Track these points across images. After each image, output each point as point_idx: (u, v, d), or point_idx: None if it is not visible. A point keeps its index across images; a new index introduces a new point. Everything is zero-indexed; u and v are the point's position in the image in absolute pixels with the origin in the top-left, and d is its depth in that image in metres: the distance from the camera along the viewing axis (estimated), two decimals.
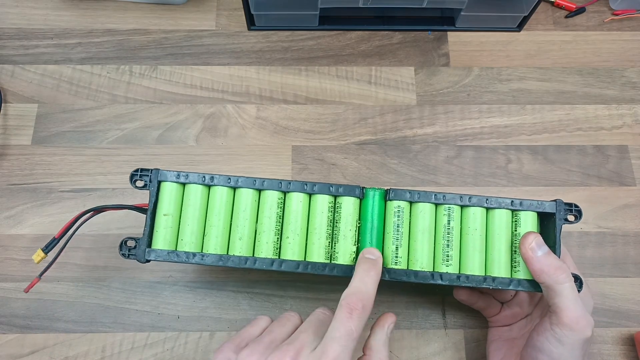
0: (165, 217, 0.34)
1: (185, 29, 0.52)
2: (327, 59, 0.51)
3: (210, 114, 0.49)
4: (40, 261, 0.36)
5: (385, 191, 0.35)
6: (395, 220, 0.34)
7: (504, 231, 0.35)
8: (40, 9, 0.52)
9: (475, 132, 0.49)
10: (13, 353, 0.41)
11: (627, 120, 0.50)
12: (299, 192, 0.34)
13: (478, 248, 0.35)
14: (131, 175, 0.34)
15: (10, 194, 0.46)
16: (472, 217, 0.35)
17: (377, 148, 0.48)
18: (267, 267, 0.34)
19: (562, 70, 0.52)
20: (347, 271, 0.34)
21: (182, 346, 0.42)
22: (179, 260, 0.34)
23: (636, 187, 0.47)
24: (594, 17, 0.54)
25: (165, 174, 0.34)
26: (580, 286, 0.34)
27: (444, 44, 0.52)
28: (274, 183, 0.34)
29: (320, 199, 0.35)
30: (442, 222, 0.35)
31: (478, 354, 0.42)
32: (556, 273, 0.32)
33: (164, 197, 0.35)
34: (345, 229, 0.34)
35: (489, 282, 0.34)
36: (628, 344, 0.43)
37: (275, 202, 0.35)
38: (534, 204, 0.34)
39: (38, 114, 0.48)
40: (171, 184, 0.35)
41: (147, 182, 0.34)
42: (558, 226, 0.34)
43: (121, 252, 0.34)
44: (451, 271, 0.34)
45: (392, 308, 0.43)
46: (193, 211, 0.34)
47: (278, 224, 0.35)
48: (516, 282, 0.34)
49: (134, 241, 0.34)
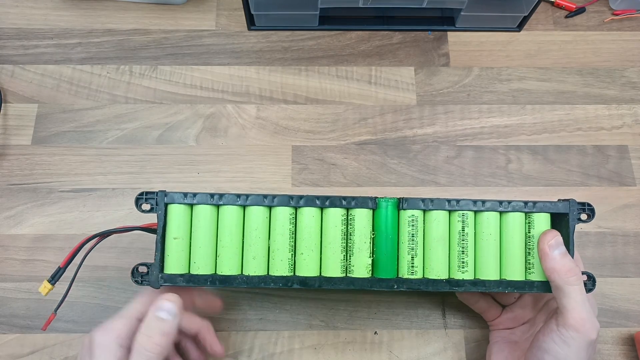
0: (175, 241, 0.33)
1: (185, 29, 0.52)
2: (327, 59, 0.51)
3: (210, 114, 0.49)
4: (47, 293, 0.34)
5: (398, 200, 0.34)
6: (409, 229, 0.34)
7: (518, 234, 0.34)
8: (40, 9, 0.52)
9: (475, 132, 0.49)
10: (13, 353, 0.41)
11: (627, 120, 0.50)
12: (310, 207, 0.34)
13: (493, 253, 0.34)
14: (136, 199, 0.33)
15: (10, 194, 0.46)
16: (486, 222, 0.34)
17: (377, 148, 0.48)
18: (284, 285, 0.33)
19: (562, 70, 0.52)
20: (364, 284, 0.33)
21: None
22: (196, 284, 0.33)
23: (636, 187, 0.48)
24: (594, 17, 0.54)
25: (172, 196, 0.33)
26: (593, 284, 0.34)
27: (444, 44, 0.52)
28: (284, 199, 0.33)
29: (333, 212, 0.34)
30: (456, 228, 0.34)
31: (478, 354, 0.42)
32: (567, 274, 0.32)
33: (172, 220, 0.34)
34: (360, 241, 0.34)
35: (504, 285, 0.34)
36: (628, 344, 0.43)
37: (287, 219, 0.34)
38: (547, 205, 0.34)
39: (38, 114, 0.48)
40: (179, 206, 0.33)
41: (154, 204, 0.33)
42: (571, 226, 0.34)
43: (134, 278, 0.33)
44: (467, 277, 0.34)
45: (392, 308, 0.43)
46: (204, 233, 0.34)
47: (291, 240, 0.34)
48: (530, 284, 0.34)
49: (146, 267, 0.33)
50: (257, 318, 0.43)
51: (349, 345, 0.42)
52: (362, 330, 0.43)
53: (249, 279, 0.33)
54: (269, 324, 0.43)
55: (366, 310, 0.43)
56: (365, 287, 0.33)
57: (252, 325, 0.43)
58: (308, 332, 0.43)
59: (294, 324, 0.43)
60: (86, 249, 0.34)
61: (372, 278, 0.34)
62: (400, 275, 0.34)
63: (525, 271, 0.35)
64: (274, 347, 0.42)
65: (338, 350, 0.42)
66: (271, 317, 0.43)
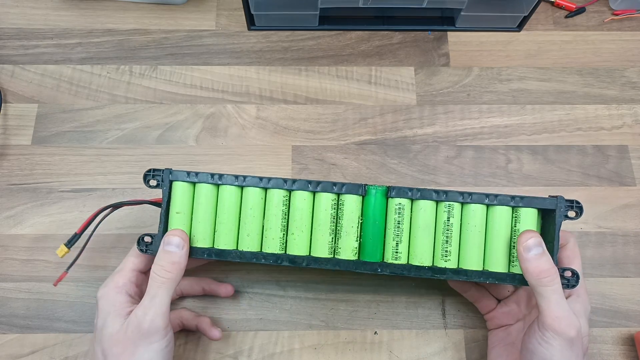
0: (177, 215, 0.36)
1: (185, 29, 0.52)
2: (327, 59, 0.51)
3: (210, 114, 0.49)
4: (64, 255, 0.37)
5: (387, 189, 0.35)
6: (396, 217, 0.35)
7: (504, 227, 0.35)
8: (40, 9, 0.52)
9: (475, 132, 0.49)
10: (13, 353, 0.41)
11: (627, 120, 0.50)
12: (303, 190, 0.35)
13: (477, 244, 0.35)
14: (144, 175, 0.36)
15: (10, 194, 0.46)
16: (472, 213, 0.35)
17: (377, 148, 0.48)
18: (274, 262, 0.35)
19: (562, 70, 0.52)
20: (350, 266, 0.35)
21: (182, 346, 0.42)
22: (195, 255, 0.36)
23: (636, 187, 0.47)
24: (594, 17, 0.54)
25: (176, 174, 0.36)
26: (576, 281, 0.34)
27: (444, 44, 0.52)
28: (279, 182, 0.35)
29: (324, 197, 0.35)
30: (442, 218, 0.35)
31: (478, 354, 0.42)
32: (540, 275, 0.32)
33: (176, 195, 0.36)
34: (348, 225, 0.35)
35: (485, 276, 0.35)
36: (628, 344, 0.43)
37: (281, 200, 0.36)
38: (534, 200, 0.35)
39: (38, 114, 0.48)
40: (182, 184, 0.36)
41: (160, 181, 0.36)
42: (558, 223, 0.34)
43: (139, 247, 0.36)
44: (450, 266, 0.35)
45: (392, 308, 0.43)
46: (204, 209, 0.36)
47: (284, 220, 0.36)
48: (512, 277, 0.35)
49: (151, 237, 0.36)
50: (257, 318, 0.43)
51: (349, 345, 0.42)
52: (362, 330, 0.43)
53: (243, 254, 0.36)
54: (269, 324, 0.43)
55: (366, 310, 0.43)
56: (350, 269, 0.35)
57: (252, 325, 0.43)
58: (308, 332, 0.43)
59: (294, 324, 0.43)
60: (99, 219, 0.38)
61: (357, 261, 0.35)
62: (384, 260, 0.35)
63: (508, 263, 0.35)
64: (274, 347, 0.42)
65: (338, 350, 0.42)
66: (271, 317, 0.43)
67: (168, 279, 0.34)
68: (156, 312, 0.33)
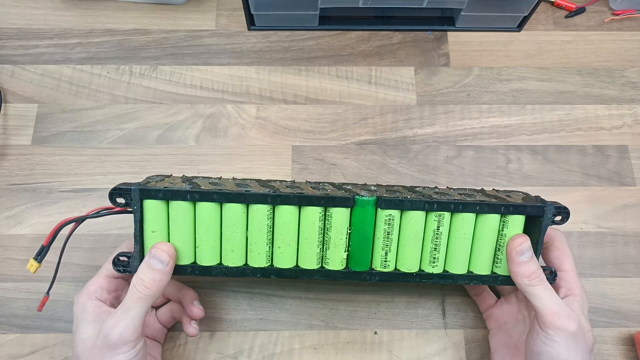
0: (154, 234, 0.34)
1: (185, 29, 0.52)
2: (327, 59, 0.51)
3: (210, 114, 0.49)
4: (35, 271, 0.36)
5: (377, 199, 0.34)
6: (385, 227, 0.35)
7: (492, 233, 0.35)
8: (40, 9, 0.52)
9: (475, 132, 0.49)
10: (13, 353, 0.41)
11: (627, 120, 0.50)
12: (288, 205, 0.34)
13: (464, 250, 0.36)
14: (110, 193, 0.33)
15: (10, 194, 0.46)
16: (462, 222, 0.35)
17: (377, 148, 0.48)
18: (262, 276, 0.35)
19: (562, 70, 0.52)
20: (339, 276, 0.35)
21: (182, 346, 0.42)
22: (178, 273, 0.34)
23: (636, 187, 0.47)
24: (594, 17, 0.54)
25: (147, 192, 0.33)
26: (553, 279, 0.36)
27: (444, 44, 0.52)
28: (261, 197, 0.33)
29: (311, 210, 0.34)
30: (431, 227, 0.35)
31: (478, 354, 0.42)
32: (531, 277, 0.34)
33: (149, 214, 0.33)
34: (337, 238, 0.35)
35: (470, 279, 0.36)
36: (628, 344, 0.43)
37: (265, 215, 0.34)
38: (526, 208, 0.35)
39: (38, 114, 0.48)
40: (154, 202, 0.33)
41: (128, 200, 0.33)
42: (544, 227, 0.35)
43: (115, 267, 0.34)
44: (437, 271, 0.36)
45: (392, 308, 0.43)
46: (181, 227, 0.34)
47: (269, 234, 0.35)
48: (495, 278, 0.36)
49: (127, 257, 0.34)
50: (257, 318, 0.43)
51: (349, 345, 0.42)
52: (362, 330, 0.43)
53: (228, 269, 0.35)
54: (269, 324, 0.43)
55: (366, 310, 0.43)
56: (339, 278, 0.35)
57: (252, 325, 0.43)
58: (308, 332, 0.43)
59: (294, 324, 0.43)
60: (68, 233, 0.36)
61: (346, 270, 0.35)
62: (373, 267, 0.35)
63: (492, 265, 0.36)
64: (274, 347, 0.42)
65: (338, 350, 0.42)
66: (271, 317, 0.43)
67: (146, 296, 0.33)
68: (126, 326, 0.32)
